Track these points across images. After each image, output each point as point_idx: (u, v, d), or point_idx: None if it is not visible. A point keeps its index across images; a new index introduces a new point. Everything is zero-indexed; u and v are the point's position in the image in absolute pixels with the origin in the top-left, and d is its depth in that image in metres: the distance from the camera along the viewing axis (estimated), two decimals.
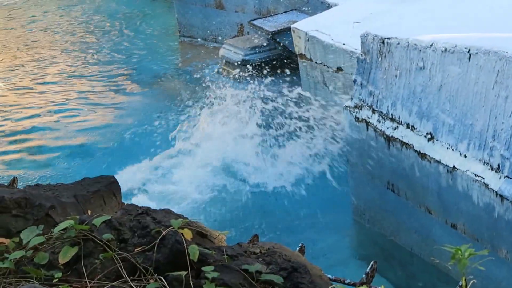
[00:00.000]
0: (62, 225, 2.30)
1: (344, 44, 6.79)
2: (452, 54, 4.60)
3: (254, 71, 8.13)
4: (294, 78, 7.68)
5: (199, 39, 10.81)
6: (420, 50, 4.86)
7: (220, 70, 9.34)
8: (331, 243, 5.61)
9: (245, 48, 8.95)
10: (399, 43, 5.06)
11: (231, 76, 8.46)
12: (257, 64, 8.62)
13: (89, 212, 2.60)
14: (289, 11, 8.80)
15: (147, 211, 2.43)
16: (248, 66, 8.45)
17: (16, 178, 2.94)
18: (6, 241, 2.38)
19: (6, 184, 2.84)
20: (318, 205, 6.24)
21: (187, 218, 2.49)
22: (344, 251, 5.59)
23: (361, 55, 5.47)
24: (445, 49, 4.66)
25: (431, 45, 4.77)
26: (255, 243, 2.60)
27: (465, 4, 5.51)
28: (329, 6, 7.86)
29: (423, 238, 5.15)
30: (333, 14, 7.55)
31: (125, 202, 2.74)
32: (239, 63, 8.93)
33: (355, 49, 6.31)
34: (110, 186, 2.76)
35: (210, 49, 10.33)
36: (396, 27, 5.38)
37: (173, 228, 2.36)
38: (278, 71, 8.25)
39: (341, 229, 5.81)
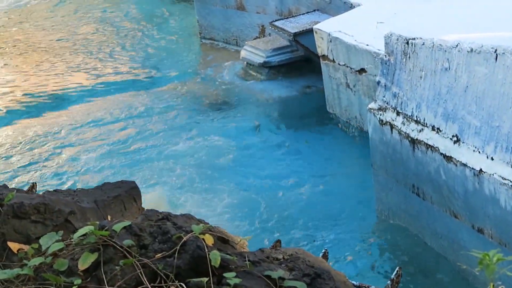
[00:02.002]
0: (81, 231, 2.27)
1: (367, 45, 6.72)
2: (478, 54, 4.51)
3: None
4: None
5: (220, 41, 10.78)
6: (446, 51, 4.77)
7: (241, 73, 9.30)
8: (354, 249, 5.52)
9: (267, 49, 8.90)
10: (424, 44, 4.97)
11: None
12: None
13: (109, 218, 2.56)
14: (311, 11, 8.72)
15: (167, 216, 2.39)
16: None
17: (35, 183, 2.92)
18: (25, 247, 2.36)
19: (25, 189, 2.82)
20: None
21: (208, 224, 2.45)
22: (368, 256, 5.51)
23: (385, 56, 5.39)
24: (471, 49, 4.57)
25: (457, 45, 4.68)
26: (278, 249, 2.55)
27: (490, 2, 5.41)
28: (352, 7, 7.77)
29: (449, 243, 5.06)
30: (356, 14, 7.47)
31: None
32: (260, 65, 8.89)
33: (379, 50, 6.24)
34: (131, 191, 2.73)
35: (231, 51, 10.27)
36: (420, 27, 5.30)
37: (194, 233, 2.32)
38: None
39: (365, 234, 5.72)
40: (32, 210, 2.40)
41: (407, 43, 5.12)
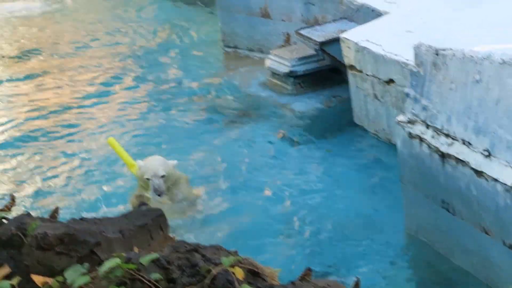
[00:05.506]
0: (108, 264, 2.20)
1: (396, 55, 6.60)
2: (510, 66, 4.40)
3: None
4: None
5: (244, 49, 10.67)
6: (477, 62, 4.66)
7: (266, 82, 9.19)
8: (385, 271, 5.38)
9: (292, 58, 8.78)
10: (454, 55, 4.86)
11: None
12: None
13: (135, 249, 2.50)
14: (338, 20, 8.57)
15: (196, 248, 2.32)
16: None
17: (58, 208, 2.86)
18: (50, 280, 2.30)
19: (46, 215, 2.76)
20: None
21: (237, 255, 2.38)
22: (398, 275, 5.37)
23: (414, 67, 5.28)
24: (503, 61, 4.46)
25: (488, 57, 4.57)
26: (309, 281, 2.47)
27: None
28: (380, 15, 7.65)
29: (480, 260, 4.93)
30: (384, 23, 7.35)
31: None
32: (285, 74, 8.79)
33: (408, 60, 6.12)
34: (157, 220, 2.66)
35: (255, 60, 10.16)
36: (451, 37, 5.18)
37: (224, 266, 2.25)
38: None
39: (395, 254, 5.58)
40: (56, 241, 2.34)
41: (437, 54, 5.01)
